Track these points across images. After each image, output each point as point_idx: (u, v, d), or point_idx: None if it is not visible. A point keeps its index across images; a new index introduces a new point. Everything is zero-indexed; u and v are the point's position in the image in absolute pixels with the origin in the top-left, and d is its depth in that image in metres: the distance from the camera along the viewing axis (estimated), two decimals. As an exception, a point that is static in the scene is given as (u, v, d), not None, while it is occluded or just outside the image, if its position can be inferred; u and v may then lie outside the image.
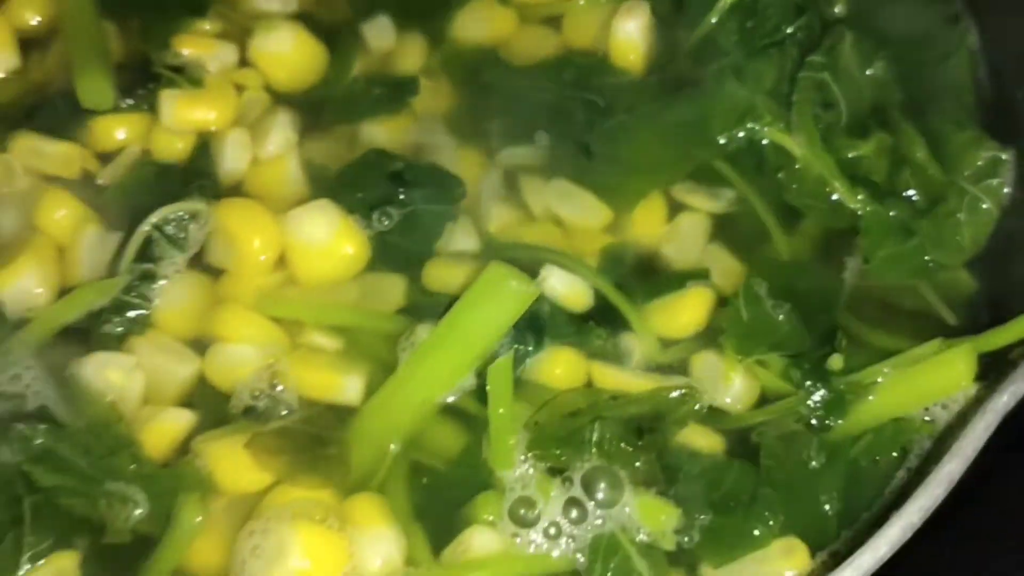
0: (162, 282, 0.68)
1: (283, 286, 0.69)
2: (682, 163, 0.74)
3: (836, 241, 0.73)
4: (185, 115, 0.72)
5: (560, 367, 0.67)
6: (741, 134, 0.74)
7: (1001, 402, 0.61)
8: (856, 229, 0.73)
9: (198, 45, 0.76)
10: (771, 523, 0.63)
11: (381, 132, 0.75)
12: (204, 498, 0.64)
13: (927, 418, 0.65)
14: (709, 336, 0.69)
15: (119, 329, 0.67)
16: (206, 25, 0.79)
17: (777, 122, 0.74)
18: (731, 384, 0.67)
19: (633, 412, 0.66)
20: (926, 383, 0.66)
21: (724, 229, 0.73)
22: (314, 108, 0.76)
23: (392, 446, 0.65)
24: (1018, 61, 0.77)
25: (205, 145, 0.73)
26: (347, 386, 0.66)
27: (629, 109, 0.76)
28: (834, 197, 0.73)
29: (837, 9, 0.81)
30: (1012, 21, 0.78)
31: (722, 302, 0.70)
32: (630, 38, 0.76)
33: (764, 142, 0.74)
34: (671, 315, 0.69)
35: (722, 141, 0.74)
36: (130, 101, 0.75)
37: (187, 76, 0.75)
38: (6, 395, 0.65)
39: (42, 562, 0.61)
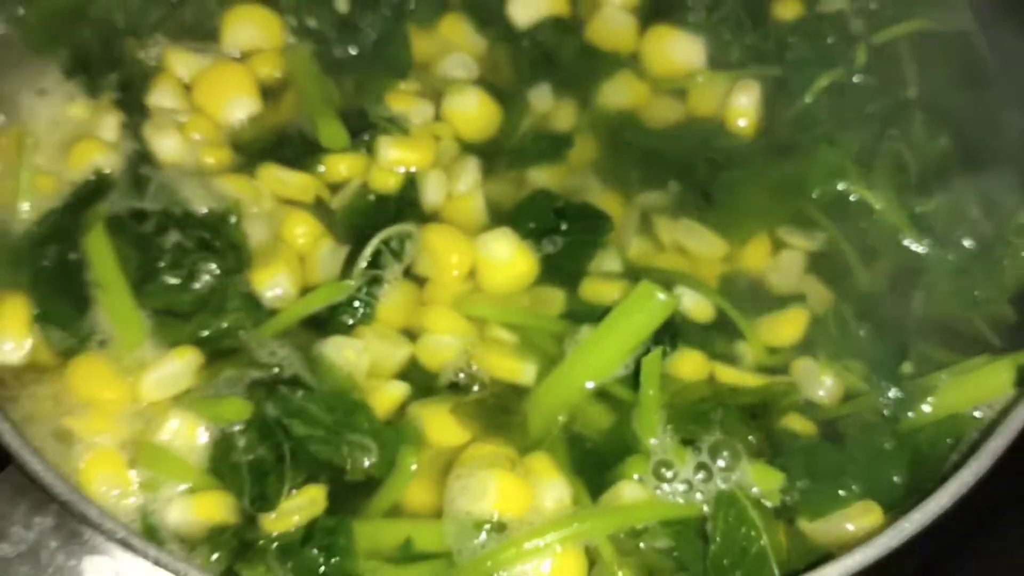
0: (385, 286, 0.78)
1: (473, 292, 0.80)
2: (784, 210, 0.85)
3: (906, 276, 0.83)
4: (396, 157, 0.82)
5: (690, 364, 0.77)
6: (832, 189, 0.84)
7: None
8: (922, 268, 0.82)
9: (404, 102, 0.85)
10: (853, 488, 0.73)
11: (543, 176, 0.85)
12: (418, 450, 0.74)
13: (976, 415, 0.75)
14: (806, 346, 0.79)
15: (351, 320, 0.77)
16: (409, 86, 0.87)
17: (861, 181, 0.84)
18: (823, 383, 0.77)
19: (747, 401, 0.75)
20: (976, 389, 0.75)
21: (817, 263, 0.83)
22: (492, 155, 0.85)
23: (560, 418, 0.75)
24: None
25: (412, 181, 0.83)
26: (524, 370, 0.76)
27: (742, 166, 0.86)
28: (905, 242, 0.83)
29: (910, 93, 0.90)
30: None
31: (815, 320, 0.80)
32: (744, 109, 0.87)
33: (851, 197, 0.84)
34: (776, 328, 0.80)
35: (815, 195, 0.84)
36: (354, 143, 0.83)
37: (397, 126, 0.84)
38: (267, 365, 0.74)
39: (299, 491, 0.71)
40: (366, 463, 0.73)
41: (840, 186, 0.85)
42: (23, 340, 0.75)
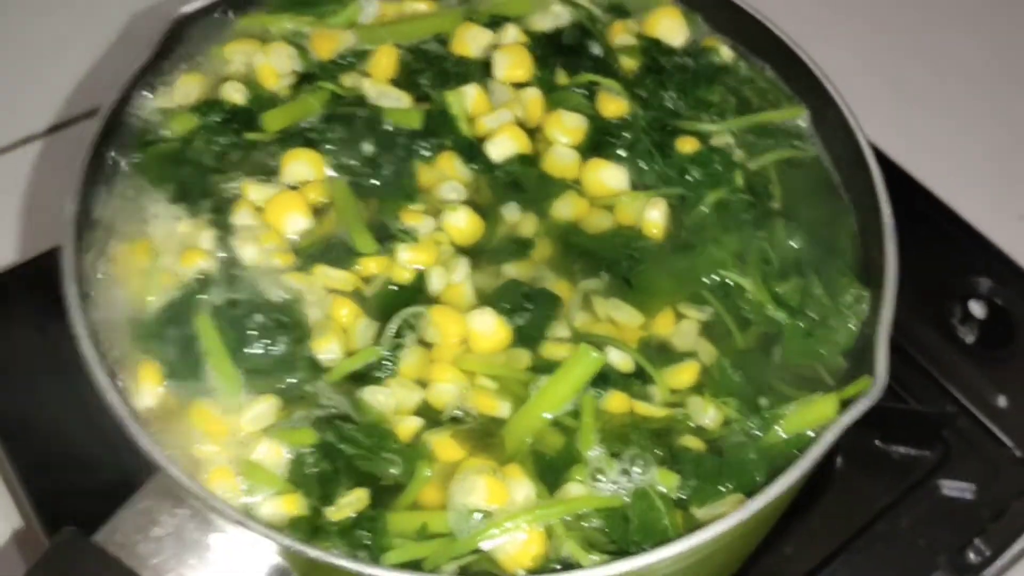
0: (405, 350, 0.91)
1: (466, 353, 0.92)
2: (683, 292, 0.97)
3: (769, 338, 0.95)
4: (410, 259, 0.95)
5: (616, 401, 0.89)
6: (716, 277, 0.97)
7: (841, 423, 0.85)
8: (780, 332, 0.95)
9: (414, 218, 0.98)
10: (728, 485, 0.85)
11: (513, 269, 0.97)
12: (430, 463, 0.86)
13: (811, 433, 0.88)
14: (697, 388, 0.92)
15: (380, 374, 0.90)
16: (416, 206, 1.00)
17: (736, 270, 0.97)
18: (708, 414, 0.90)
19: (655, 426, 0.88)
20: (812, 416, 0.88)
21: (707, 329, 0.95)
22: (477, 255, 0.97)
23: (527, 440, 0.87)
24: (874, 235, 0.97)
25: (421, 275, 0.95)
26: (501, 407, 0.89)
27: (653, 260, 0.98)
28: (768, 313, 0.96)
29: (775, 205, 1.03)
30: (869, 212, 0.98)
31: (704, 369, 0.92)
32: (654, 220, 1.00)
33: (730, 282, 0.97)
34: (676, 376, 0.92)
35: (705, 280, 0.97)
36: (380, 249, 0.95)
37: (409, 236, 0.96)
38: (325, 406, 0.88)
39: (350, 492, 0.84)
40: (394, 472, 0.86)
41: (723, 274, 0.97)
42: (155, 390, 0.89)
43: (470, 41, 1.09)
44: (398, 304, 0.94)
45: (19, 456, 1.07)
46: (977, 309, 1.19)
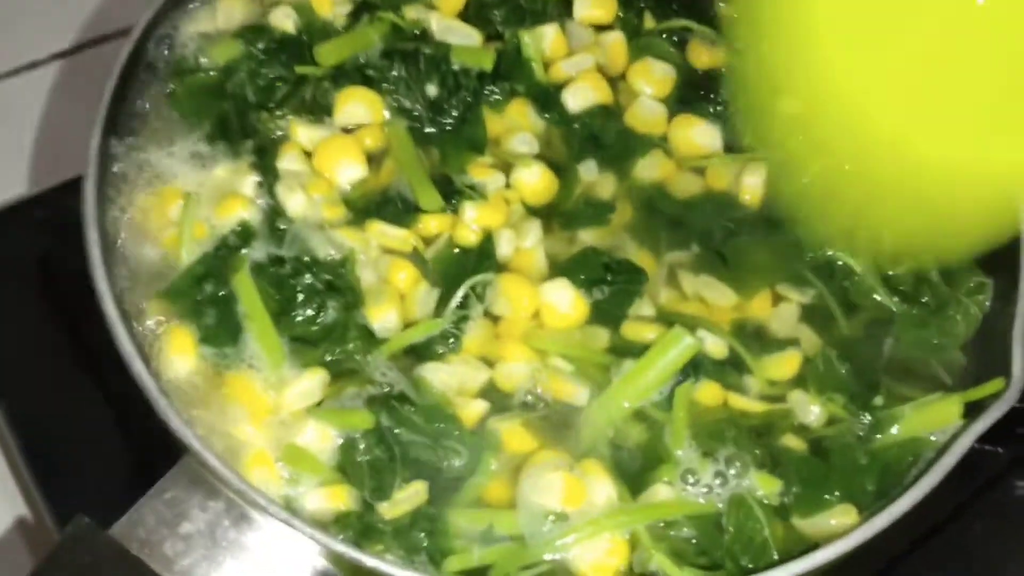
0: (470, 322, 0.84)
1: (537, 328, 0.85)
2: (783, 270, 0.89)
3: (878, 327, 0.88)
4: (477, 219, 0.88)
5: (708, 393, 0.83)
6: (822, 255, 0.89)
7: (975, 430, 0.80)
8: (892, 320, 0.88)
9: (482, 173, 0.90)
10: (836, 494, 0.79)
11: (590, 235, 0.90)
12: (496, 454, 0.79)
13: (932, 438, 0.81)
14: (799, 380, 0.85)
15: (442, 349, 0.83)
16: (484, 159, 0.92)
17: (846, 249, 0.89)
18: (812, 411, 0.83)
19: (753, 423, 0.82)
20: (932, 418, 0.82)
21: (808, 314, 0.88)
22: (550, 217, 0.90)
23: (607, 432, 0.81)
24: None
25: (488, 237, 0.88)
26: (578, 394, 0.82)
27: (749, 233, 0.91)
28: (878, 299, 0.89)
29: None
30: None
31: (807, 360, 0.85)
32: (751, 187, 0.93)
33: (838, 262, 0.89)
34: (775, 366, 0.85)
35: (808, 258, 0.89)
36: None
37: (477, 192, 0.89)
38: (380, 383, 0.80)
39: (407, 485, 0.77)
40: (457, 464, 0.79)
41: (829, 252, 0.90)
42: (188, 358, 0.80)
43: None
44: (462, 269, 0.86)
45: (23, 430, 0.95)
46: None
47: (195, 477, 0.73)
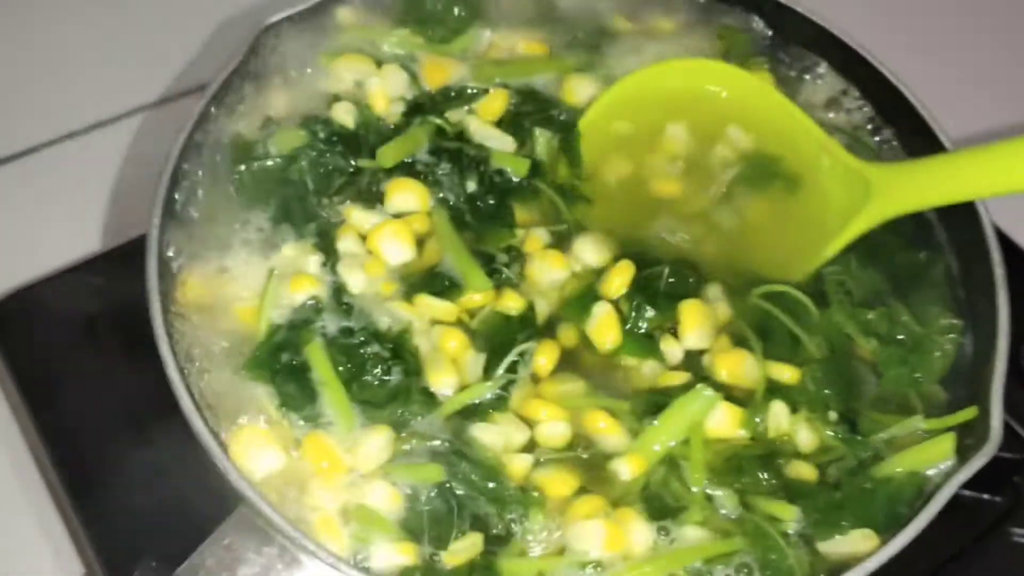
0: (514, 384, 0.85)
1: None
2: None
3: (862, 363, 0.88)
4: (513, 294, 0.89)
5: (719, 427, 0.84)
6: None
7: (956, 481, 0.78)
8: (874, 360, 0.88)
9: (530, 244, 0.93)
10: (852, 519, 0.79)
11: None
12: (542, 509, 0.80)
13: (929, 473, 0.81)
14: (792, 407, 0.85)
15: (491, 409, 0.84)
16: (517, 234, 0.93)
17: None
18: (788, 423, 0.84)
19: (759, 452, 0.83)
20: (928, 455, 0.82)
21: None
22: None
23: (640, 477, 0.82)
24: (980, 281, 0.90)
25: (531, 305, 0.88)
26: (614, 441, 0.84)
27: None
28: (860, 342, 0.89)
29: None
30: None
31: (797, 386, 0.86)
32: None
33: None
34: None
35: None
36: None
37: (511, 269, 0.90)
38: (437, 440, 0.82)
39: (463, 536, 0.78)
40: (508, 517, 0.80)
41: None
42: (271, 451, 0.81)
43: (581, 92, 1.02)
44: (506, 335, 0.87)
45: (75, 484, 0.92)
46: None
47: (250, 525, 0.75)
